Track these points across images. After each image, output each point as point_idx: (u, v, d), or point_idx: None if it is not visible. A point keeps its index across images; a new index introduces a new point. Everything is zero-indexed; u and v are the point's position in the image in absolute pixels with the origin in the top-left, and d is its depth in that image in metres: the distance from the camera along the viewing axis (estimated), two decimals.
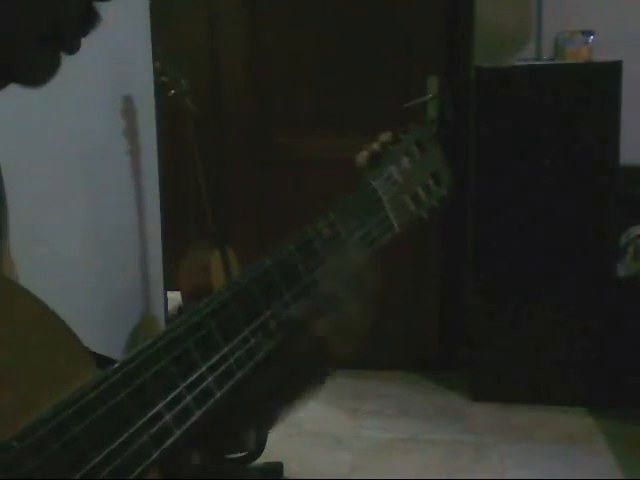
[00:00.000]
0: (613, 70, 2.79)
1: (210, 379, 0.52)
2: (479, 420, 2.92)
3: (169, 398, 0.49)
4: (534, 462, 2.59)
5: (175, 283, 2.47)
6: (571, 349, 2.95)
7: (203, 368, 0.52)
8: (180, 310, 2.41)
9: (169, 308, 2.78)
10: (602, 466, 2.54)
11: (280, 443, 2.60)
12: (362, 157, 0.74)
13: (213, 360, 0.52)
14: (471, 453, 2.68)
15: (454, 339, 3.34)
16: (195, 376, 0.51)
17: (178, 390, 0.50)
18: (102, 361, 0.73)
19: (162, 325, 2.73)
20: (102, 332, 2.22)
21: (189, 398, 0.50)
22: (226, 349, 0.54)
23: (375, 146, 0.75)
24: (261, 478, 2.46)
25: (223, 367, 0.53)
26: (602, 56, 2.87)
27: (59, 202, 1.90)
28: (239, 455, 2.46)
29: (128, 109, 2.39)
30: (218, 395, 0.52)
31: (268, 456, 2.41)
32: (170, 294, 2.76)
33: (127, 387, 0.46)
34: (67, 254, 1.88)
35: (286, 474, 2.50)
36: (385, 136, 0.76)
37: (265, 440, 2.36)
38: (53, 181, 1.86)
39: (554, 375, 2.97)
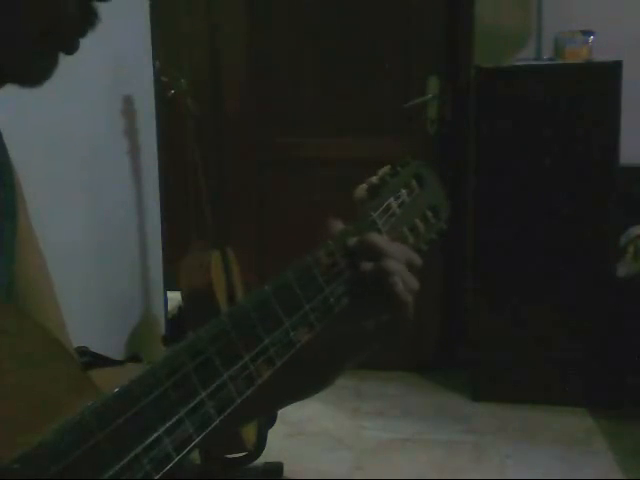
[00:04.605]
0: (613, 70, 2.79)
1: (210, 405, 0.52)
2: (479, 420, 2.92)
3: (169, 424, 0.49)
4: (534, 462, 2.59)
5: (175, 283, 2.46)
6: (571, 349, 2.95)
7: (203, 394, 0.52)
8: (180, 310, 2.40)
9: (169, 308, 2.78)
10: (602, 466, 2.54)
11: (280, 443, 2.61)
12: (361, 190, 0.75)
13: (213, 386, 0.53)
14: (471, 453, 2.68)
15: (454, 339, 3.34)
16: (195, 402, 0.51)
17: (178, 416, 0.50)
18: (102, 361, 0.73)
19: (162, 325, 2.73)
20: (102, 332, 2.22)
21: (189, 424, 0.50)
22: (226, 376, 0.54)
23: (374, 179, 0.75)
24: (261, 478, 2.46)
25: (223, 393, 0.53)
26: (602, 56, 2.87)
27: (59, 202, 1.90)
28: (239, 455, 2.46)
29: (128, 109, 2.39)
30: (217, 421, 0.52)
31: (268, 456, 2.42)
32: (170, 294, 2.76)
33: (127, 412, 0.47)
34: (67, 254, 1.88)
35: (286, 474, 2.50)
36: (384, 169, 0.77)
37: (265, 440, 2.36)
38: (53, 181, 1.86)
39: (554, 375, 2.97)
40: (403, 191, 0.77)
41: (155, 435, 0.48)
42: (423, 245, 0.78)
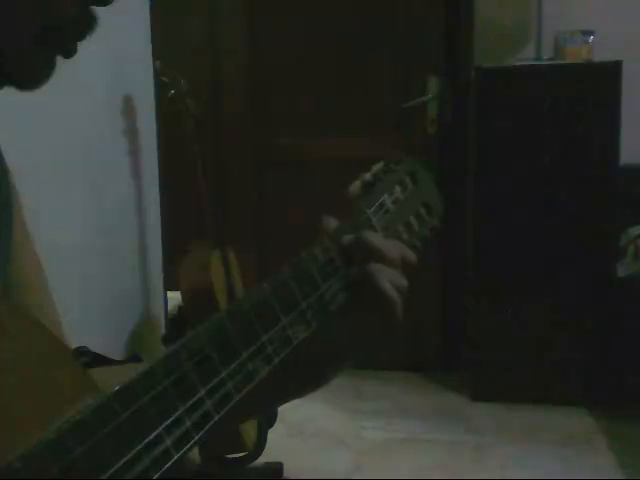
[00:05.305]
0: (613, 70, 2.79)
1: (209, 403, 0.52)
2: (479, 420, 2.92)
3: (169, 422, 0.49)
4: (534, 462, 2.59)
5: (175, 283, 2.47)
6: (571, 349, 2.95)
7: (202, 392, 0.52)
8: (180, 310, 2.40)
9: (169, 308, 2.78)
10: (602, 466, 2.54)
11: (280, 443, 2.61)
12: (355, 186, 0.75)
13: (212, 384, 0.53)
14: (471, 453, 2.68)
15: (454, 339, 3.34)
16: (194, 400, 0.51)
17: (178, 414, 0.50)
18: (102, 361, 0.73)
19: (162, 325, 2.73)
20: (102, 332, 2.22)
21: (188, 422, 0.51)
22: (224, 374, 0.54)
23: (368, 176, 0.76)
24: (261, 478, 2.46)
25: (222, 391, 0.54)
26: (602, 56, 2.87)
27: (59, 202, 1.90)
28: (239, 455, 2.45)
29: (128, 109, 2.39)
30: (216, 418, 0.53)
31: (268, 456, 2.42)
32: (170, 294, 2.76)
33: (127, 410, 0.47)
34: (66, 254, 1.88)
35: (286, 474, 2.50)
36: (377, 166, 0.77)
37: (265, 440, 2.37)
38: (53, 181, 1.86)
39: (554, 375, 2.97)
40: (397, 188, 0.77)
41: (155, 433, 0.48)
42: (417, 242, 0.78)
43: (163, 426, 0.49)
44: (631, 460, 2.55)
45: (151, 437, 0.48)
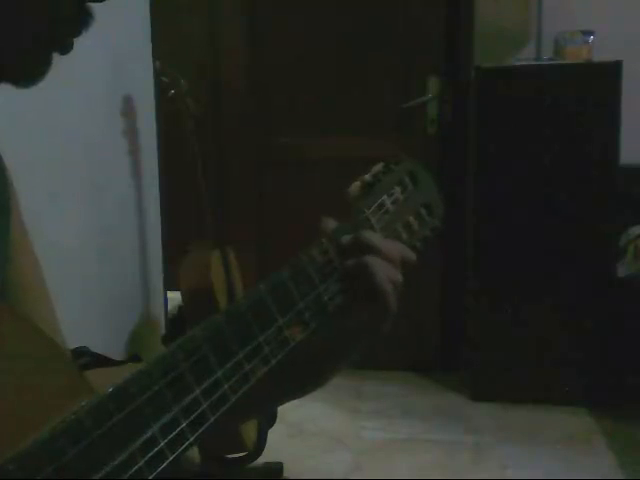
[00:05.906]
0: (613, 70, 2.79)
1: (205, 404, 0.52)
2: (479, 420, 2.91)
3: (164, 423, 0.49)
4: (534, 462, 2.59)
5: (175, 283, 2.47)
6: (571, 349, 2.95)
7: (197, 393, 0.52)
8: (180, 310, 2.40)
9: (169, 308, 2.78)
10: (602, 466, 2.54)
11: (280, 443, 2.61)
12: (355, 187, 0.75)
13: (207, 385, 0.53)
14: (471, 453, 2.68)
15: (454, 339, 3.34)
16: (190, 401, 0.51)
17: (173, 415, 0.50)
18: (102, 361, 0.73)
19: (162, 325, 2.73)
20: (102, 332, 2.22)
21: (183, 423, 0.50)
22: (220, 374, 0.54)
23: (367, 177, 0.76)
24: (261, 478, 2.46)
25: (218, 392, 0.54)
26: (602, 56, 2.87)
27: (58, 202, 1.90)
28: (239, 455, 2.45)
29: (128, 109, 2.39)
30: (212, 419, 0.53)
31: (268, 456, 2.41)
32: (170, 294, 2.76)
33: (122, 411, 0.47)
34: (66, 254, 1.88)
35: (286, 474, 2.50)
36: (377, 167, 0.77)
37: (265, 440, 2.36)
38: (52, 181, 1.86)
39: (554, 375, 2.97)
40: (397, 188, 0.77)
41: (149, 434, 0.48)
42: (417, 242, 0.78)
43: (158, 427, 0.48)
44: (631, 460, 2.55)
45: (145, 438, 0.48)
